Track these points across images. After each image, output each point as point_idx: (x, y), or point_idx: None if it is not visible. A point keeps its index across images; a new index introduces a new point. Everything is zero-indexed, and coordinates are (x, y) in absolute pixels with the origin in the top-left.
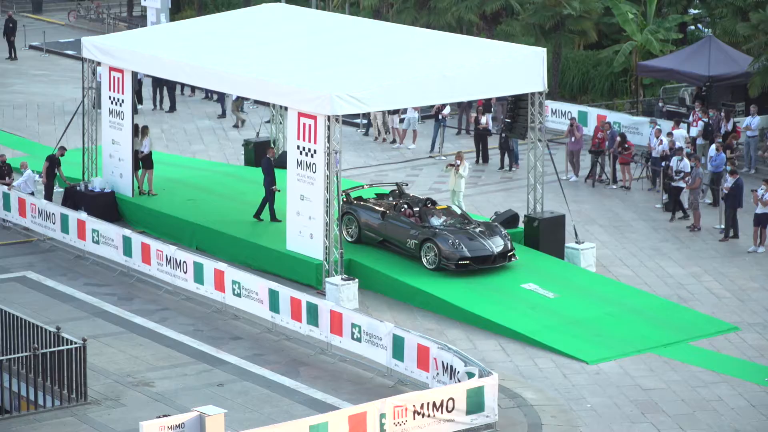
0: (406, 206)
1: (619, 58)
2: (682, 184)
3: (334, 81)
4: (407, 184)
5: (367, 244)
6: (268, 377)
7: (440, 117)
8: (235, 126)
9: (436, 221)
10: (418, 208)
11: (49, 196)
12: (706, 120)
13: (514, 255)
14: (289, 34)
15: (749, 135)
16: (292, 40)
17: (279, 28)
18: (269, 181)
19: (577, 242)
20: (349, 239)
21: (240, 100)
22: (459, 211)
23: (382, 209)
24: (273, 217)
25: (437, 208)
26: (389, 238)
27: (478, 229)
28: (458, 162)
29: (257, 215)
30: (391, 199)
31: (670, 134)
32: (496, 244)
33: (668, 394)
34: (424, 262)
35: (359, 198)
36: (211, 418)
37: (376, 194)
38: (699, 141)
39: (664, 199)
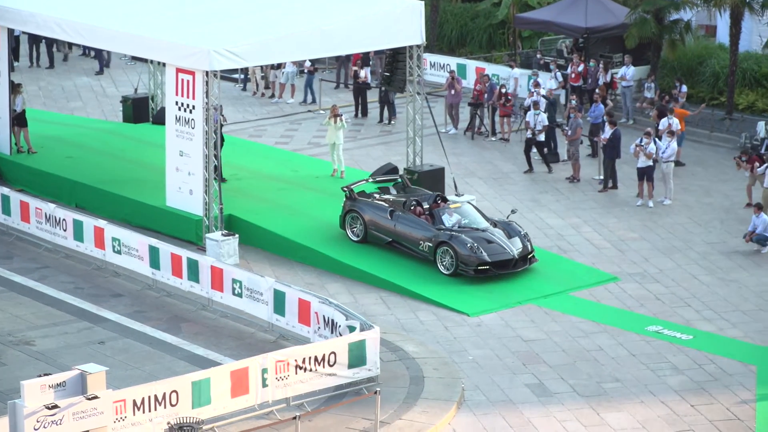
0: (415, 203)
1: (503, 10)
2: (542, 137)
3: (211, 36)
4: (411, 177)
5: (374, 244)
6: (149, 334)
7: (305, 71)
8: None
9: (448, 220)
10: (428, 205)
11: None
12: (563, 72)
13: (534, 257)
14: None
15: (624, 85)
16: None
17: None
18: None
19: (456, 194)
20: (355, 239)
21: None
22: (473, 209)
23: (389, 207)
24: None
25: (451, 206)
26: (399, 240)
27: (496, 231)
28: (335, 113)
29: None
30: (394, 192)
31: (537, 84)
32: (516, 247)
33: (549, 345)
34: (440, 266)
35: (363, 193)
36: (92, 376)
37: (379, 188)
38: (558, 92)
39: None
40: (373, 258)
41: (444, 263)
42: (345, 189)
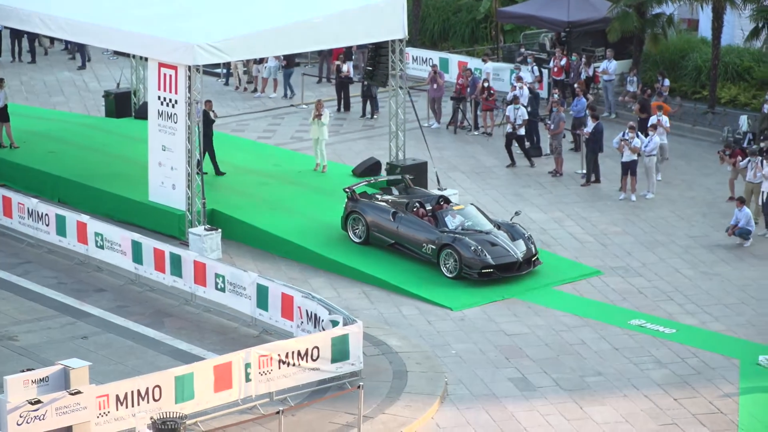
0: (418, 205)
1: (485, 4)
2: (522, 131)
3: (194, 31)
4: (413, 177)
5: (377, 246)
6: (132, 329)
7: (282, 65)
8: None
9: (451, 222)
10: (430, 207)
11: None
12: (541, 66)
13: (538, 259)
14: None
15: (606, 79)
16: None
17: None
18: (205, 134)
19: (439, 189)
20: (357, 240)
21: None
22: (477, 211)
23: (392, 208)
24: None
25: (454, 208)
26: (402, 242)
27: (500, 233)
28: (319, 111)
29: (217, 172)
30: (396, 192)
31: (519, 78)
32: (520, 249)
33: (532, 339)
34: (443, 269)
35: (365, 194)
36: (75, 371)
37: (381, 188)
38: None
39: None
40: (356, 253)
41: (447, 266)
42: (347, 190)
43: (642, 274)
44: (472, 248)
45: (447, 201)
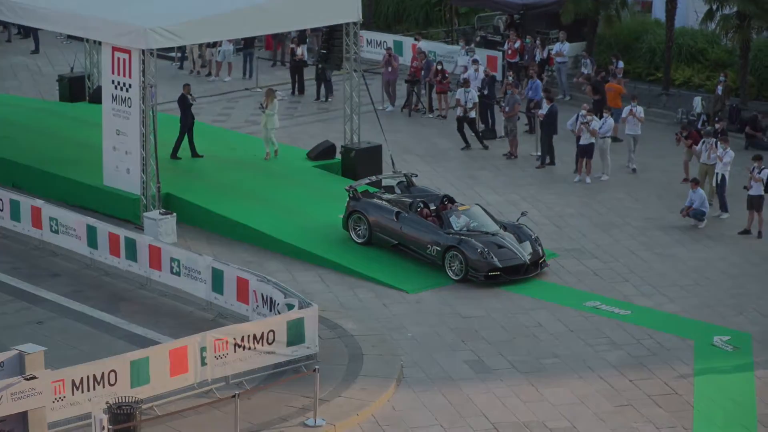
0: (422, 205)
1: None
2: (473, 114)
3: (147, 14)
4: (416, 175)
5: (380, 246)
6: (87, 314)
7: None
8: None
9: (456, 223)
10: (434, 207)
11: None
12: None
13: (545, 261)
14: None
15: (560, 61)
16: None
17: None
18: (184, 119)
19: (394, 171)
20: (359, 240)
21: None
22: (483, 212)
23: (395, 208)
24: (194, 153)
25: (460, 208)
26: (406, 243)
27: (507, 235)
28: (262, 103)
29: (174, 155)
30: (398, 191)
31: (475, 61)
32: (527, 251)
33: (488, 322)
34: (449, 272)
35: (366, 193)
36: (30, 356)
37: (381, 187)
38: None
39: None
40: (311, 236)
41: (453, 268)
42: (349, 189)
43: (597, 256)
44: (479, 250)
45: (451, 201)
